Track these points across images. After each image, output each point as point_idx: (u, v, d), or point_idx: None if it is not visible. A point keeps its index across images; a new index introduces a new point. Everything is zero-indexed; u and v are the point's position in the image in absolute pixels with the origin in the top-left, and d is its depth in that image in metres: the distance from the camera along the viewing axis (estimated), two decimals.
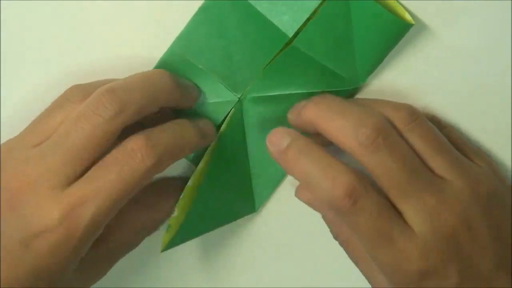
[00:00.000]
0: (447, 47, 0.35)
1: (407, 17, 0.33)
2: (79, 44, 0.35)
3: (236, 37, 0.34)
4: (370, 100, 0.34)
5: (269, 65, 0.34)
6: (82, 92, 0.31)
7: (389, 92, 0.35)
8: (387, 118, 0.32)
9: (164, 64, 0.35)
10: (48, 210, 0.29)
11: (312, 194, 0.30)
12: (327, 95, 0.33)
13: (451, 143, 0.33)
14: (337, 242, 0.35)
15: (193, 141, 0.32)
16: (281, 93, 0.35)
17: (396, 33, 0.34)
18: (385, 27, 0.33)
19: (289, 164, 0.31)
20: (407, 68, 0.35)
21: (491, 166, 0.34)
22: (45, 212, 0.29)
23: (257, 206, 0.37)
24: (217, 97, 0.35)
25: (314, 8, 0.34)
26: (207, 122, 0.35)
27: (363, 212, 0.29)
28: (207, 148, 0.35)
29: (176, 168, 0.36)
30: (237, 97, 0.35)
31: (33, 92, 0.35)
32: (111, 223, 0.31)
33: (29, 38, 0.35)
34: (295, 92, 0.34)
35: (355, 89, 0.35)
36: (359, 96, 0.36)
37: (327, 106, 0.32)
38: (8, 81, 0.35)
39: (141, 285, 0.37)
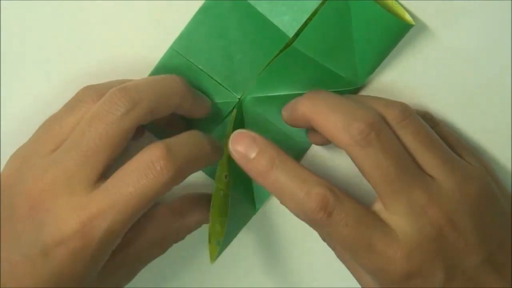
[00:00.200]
0: (447, 48, 0.35)
1: (407, 18, 0.33)
2: (79, 44, 0.35)
3: (236, 37, 0.34)
4: (364, 97, 0.34)
5: (269, 66, 0.34)
6: (95, 93, 0.31)
7: (389, 93, 0.35)
8: (380, 115, 0.31)
9: (164, 64, 0.35)
10: (67, 220, 0.29)
11: (286, 206, 0.30)
12: (321, 91, 0.33)
13: (444, 141, 0.32)
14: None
15: (209, 154, 0.32)
16: (281, 94, 0.35)
17: (396, 34, 0.34)
18: (385, 28, 0.33)
19: (260, 175, 0.30)
20: (407, 69, 0.35)
21: (484, 165, 0.34)
22: (64, 222, 0.29)
23: (257, 207, 0.37)
24: (217, 98, 0.35)
25: (314, 8, 0.34)
26: (213, 137, 0.34)
27: (339, 224, 0.29)
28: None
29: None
30: (237, 98, 0.35)
31: (33, 92, 0.35)
32: (141, 226, 0.31)
33: (29, 38, 0.35)
34: (295, 93, 0.34)
35: (355, 90, 0.35)
36: None
37: (321, 101, 0.32)
38: (8, 81, 0.35)
39: (141, 285, 0.36)
